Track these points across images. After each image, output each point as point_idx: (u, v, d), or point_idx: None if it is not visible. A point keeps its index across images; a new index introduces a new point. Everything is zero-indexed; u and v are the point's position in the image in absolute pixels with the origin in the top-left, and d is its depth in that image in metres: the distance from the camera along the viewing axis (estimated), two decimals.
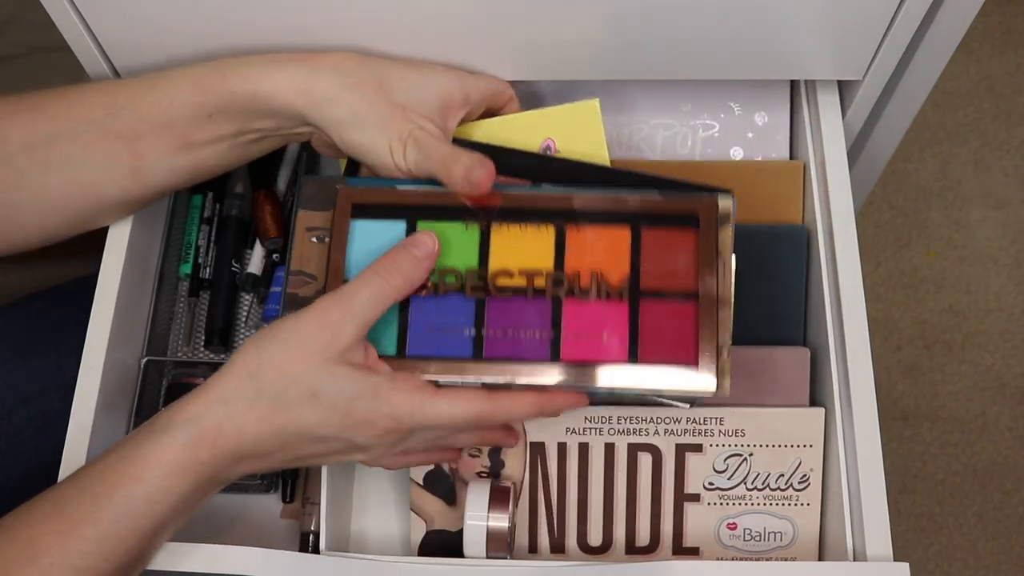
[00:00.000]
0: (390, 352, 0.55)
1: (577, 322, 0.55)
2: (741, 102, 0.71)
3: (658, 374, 0.54)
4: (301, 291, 0.57)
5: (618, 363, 0.54)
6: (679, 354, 0.54)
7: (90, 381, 0.60)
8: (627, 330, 0.54)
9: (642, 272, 0.55)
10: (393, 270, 0.53)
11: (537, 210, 0.56)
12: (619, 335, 0.54)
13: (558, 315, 0.55)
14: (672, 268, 0.55)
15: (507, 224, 0.56)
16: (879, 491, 0.57)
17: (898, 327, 1.28)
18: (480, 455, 0.63)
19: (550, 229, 0.56)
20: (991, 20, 1.40)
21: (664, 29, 0.59)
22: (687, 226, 0.55)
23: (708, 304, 0.54)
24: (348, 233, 0.57)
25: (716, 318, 0.54)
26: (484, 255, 0.56)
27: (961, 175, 1.34)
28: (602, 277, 0.55)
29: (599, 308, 0.55)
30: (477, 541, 0.60)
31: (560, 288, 0.55)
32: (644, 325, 0.54)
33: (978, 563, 1.19)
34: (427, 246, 0.54)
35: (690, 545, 0.63)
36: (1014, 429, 1.23)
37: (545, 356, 0.54)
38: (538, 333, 0.55)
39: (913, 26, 0.59)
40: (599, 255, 0.55)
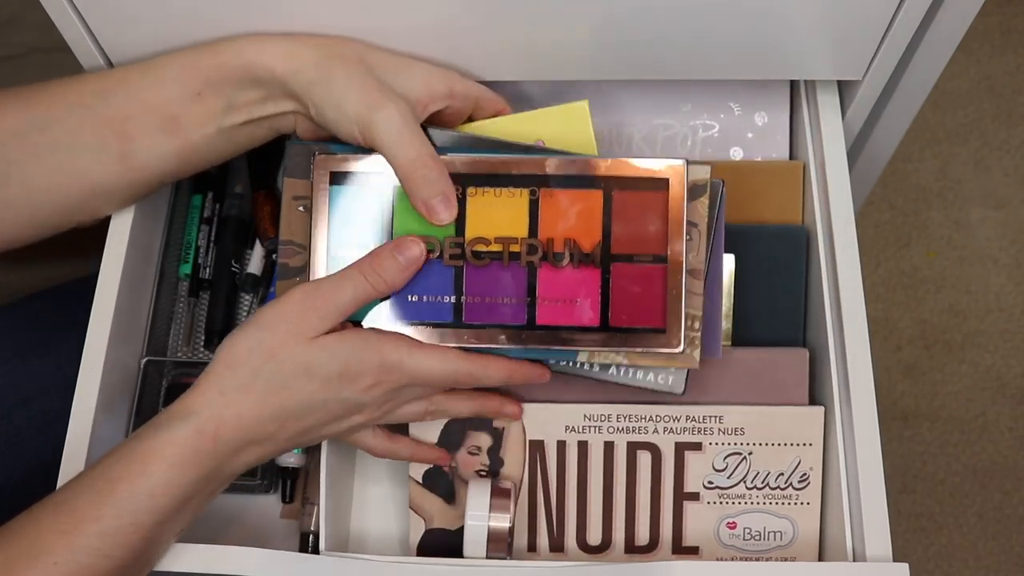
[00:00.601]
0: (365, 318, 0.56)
1: (551, 288, 0.56)
2: (741, 102, 0.71)
3: (627, 338, 0.56)
4: (291, 261, 0.58)
5: (590, 328, 0.56)
6: (648, 318, 0.56)
7: (90, 381, 0.61)
8: (599, 295, 0.56)
9: (613, 236, 0.56)
10: (378, 274, 0.54)
11: (511, 175, 0.57)
12: (591, 300, 0.56)
13: (533, 281, 0.56)
14: (643, 232, 0.56)
15: (482, 189, 0.57)
16: (879, 491, 0.57)
17: (898, 327, 1.28)
18: (479, 454, 0.63)
19: (524, 194, 0.57)
20: (991, 20, 1.40)
21: (664, 29, 0.59)
22: (658, 190, 0.56)
23: (676, 269, 0.56)
24: (328, 200, 0.57)
25: (682, 283, 0.55)
26: (460, 222, 0.57)
27: (961, 175, 1.34)
28: (575, 243, 0.56)
29: (572, 274, 0.56)
30: (478, 541, 0.60)
31: (535, 255, 0.56)
32: (615, 289, 0.56)
33: (978, 563, 1.19)
34: (412, 253, 0.55)
35: (689, 544, 0.63)
36: (1014, 429, 1.23)
37: (521, 321, 0.56)
38: (514, 299, 0.56)
39: (913, 26, 0.59)
40: (572, 220, 0.56)
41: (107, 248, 0.64)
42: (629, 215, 0.56)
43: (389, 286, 0.55)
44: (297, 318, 0.52)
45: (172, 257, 0.73)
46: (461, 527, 0.61)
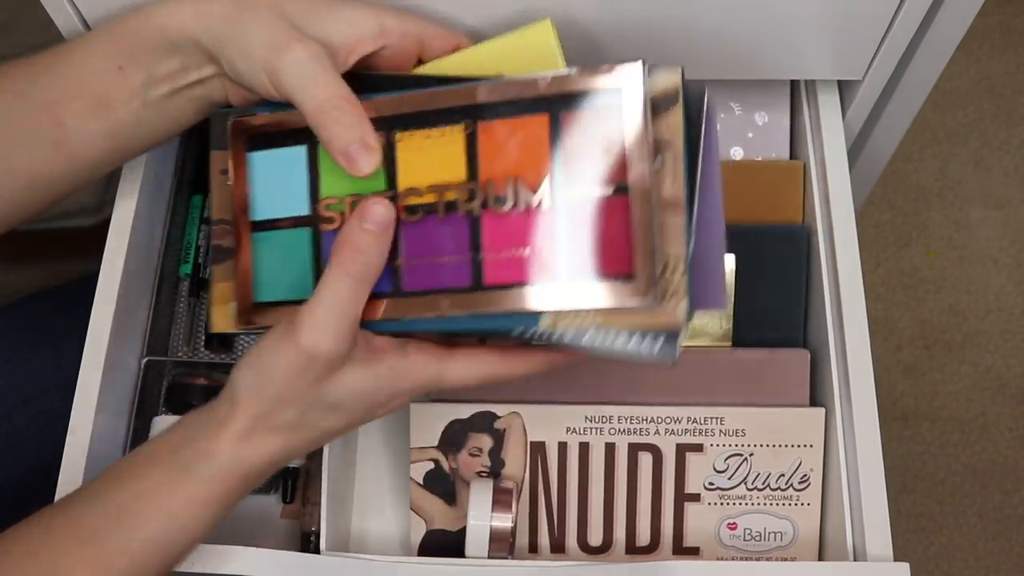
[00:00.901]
0: (306, 296, 0.48)
1: (497, 239, 0.47)
2: (741, 102, 0.71)
3: (591, 290, 0.45)
4: (224, 241, 0.53)
5: (548, 281, 0.46)
6: (612, 264, 0.45)
7: (90, 381, 0.60)
8: (552, 240, 0.46)
9: (563, 171, 0.46)
10: (359, 260, 0.47)
11: (441, 110, 0.48)
12: (544, 247, 0.46)
13: (476, 233, 0.47)
14: (600, 160, 0.45)
15: (410, 132, 0.48)
16: (879, 491, 0.57)
17: (898, 327, 1.28)
18: (480, 455, 0.63)
19: (457, 131, 0.48)
20: (991, 20, 1.40)
21: (664, 29, 0.59)
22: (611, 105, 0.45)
23: (642, 199, 0.45)
24: (247, 168, 0.51)
25: (651, 215, 0.44)
26: (391, 173, 0.49)
27: (961, 175, 1.34)
28: (519, 181, 0.46)
29: (519, 220, 0.46)
30: (480, 541, 0.60)
31: (474, 201, 0.47)
32: (570, 233, 0.46)
33: (978, 563, 1.19)
34: (380, 215, 0.48)
35: (690, 545, 0.63)
36: (1014, 429, 1.23)
37: (466, 282, 0.47)
38: (457, 257, 0.47)
39: (913, 26, 0.59)
40: (515, 153, 0.47)
41: (107, 248, 0.64)
42: (580, 141, 0.46)
43: (378, 264, 0.48)
44: (306, 367, 0.48)
45: (172, 257, 0.73)
46: (462, 528, 0.61)
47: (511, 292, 0.46)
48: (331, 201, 0.50)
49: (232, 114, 0.53)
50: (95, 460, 0.60)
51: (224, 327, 0.54)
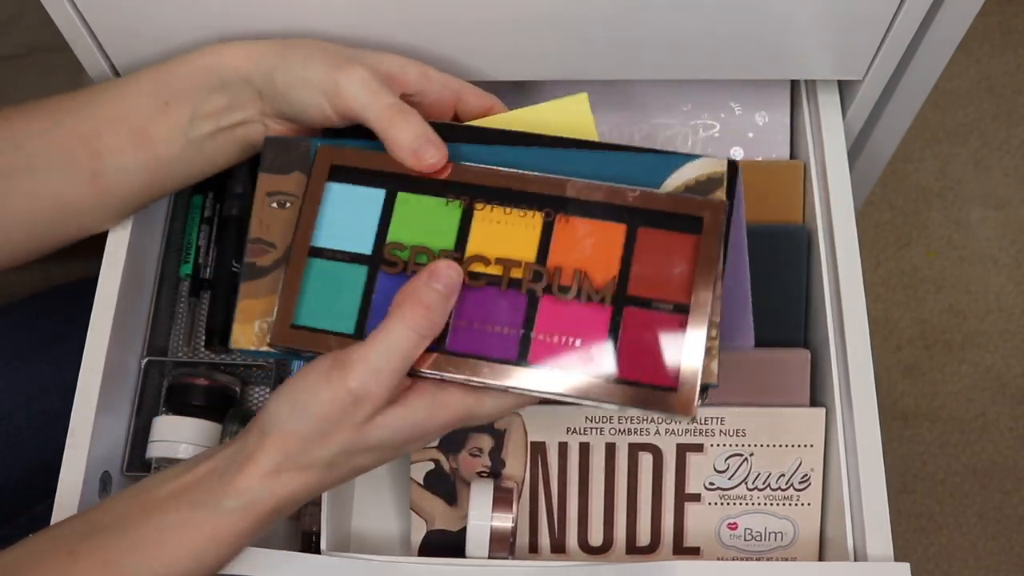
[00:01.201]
0: (347, 331, 0.51)
1: (552, 323, 0.50)
2: (741, 102, 0.71)
3: (631, 393, 0.49)
4: (259, 260, 0.55)
5: (591, 374, 0.49)
6: (658, 375, 0.49)
7: (91, 381, 0.60)
8: (606, 338, 0.49)
9: (631, 275, 0.50)
10: (424, 316, 0.48)
11: (526, 193, 0.51)
12: (597, 343, 0.49)
13: (532, 312, 0.50)
14: (666, 275, 0.50)
15: (491, 205, 0.51)
16: (880, 491, 0.57)
17: (898, 327, 1.28)
18: (480, 455, 0.63)
19: (537, 216, 0.51)
20: (991, 20, 1.40)
21: (664, 29, 0.59)
22: (690, 232, 0.50)
23: (699, 320, 0.49)
24: (323, 195, 0.53)
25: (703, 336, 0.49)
26: (463, 237, 0.51)
27: (961, 175, 1.34)
28: (585, 276, 0.50)
29: (578, 310, 0.50)
30: (480, 541, 0.60)
31: (538, 283, 0.50)
32: (625, 335, 0.49)
33: (978, 563, 1.19)
34: (450, 279, 0.50)
35: (691, 545, 0.63)
36: (1014, 429, 1.23)
37: (511, 356, 0.50)
38: (507, 329, 0.50)
39: (913, 26, 0.59)
40: (587, 251, 0.50)
41: (108, 248, 0.64)
42: (653, 254, 0.50)
43: (440, 324, 0.49)
44: (350, 407, 0.48)
45: (173, 257, 0.73)
46: (462, 528, 0.61)
47: (552, 375, 0.49)
48: (397, 247, 0.52)
49: (294, 143, 0.55)
50: (95, 460, 0.60)
51: (247, 344, 0.55)
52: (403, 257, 0.52)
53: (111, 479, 0.63)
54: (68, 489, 0.58)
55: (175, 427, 0.67)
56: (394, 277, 0.52)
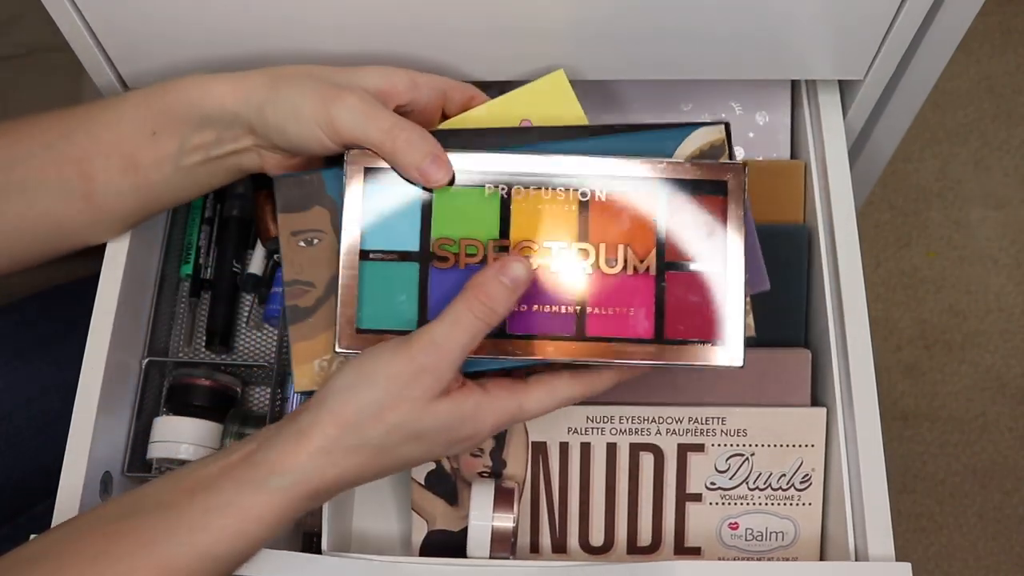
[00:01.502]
0: (410, 328, 0.52)
1: (603, 297, 0.53)
2: (742, 102, 0.71)
3: (681, 351, 0.53)
4: (301, 302, 0.55)
5: (643, 340, 0.53)
6: (704, 331, 0.53)
7: (91, 382, 0.60)
8: (653, 305, 0.53)
9: (667, 243, 0.53)
10: (489, 306, 0.50)
11: (559, 175, 0.53)
12: (645, 310, 0.53)
13: (584, 288, 0.53)
14: (699, 238, 0.53)
15: (528, 190, 0.53)
16: (881, 491, 0.57)
17: (898, 327, 1.28)
18: (481, 455, 0.63)
19: (573, 195, 0.53)
20: (991, 20, 1.40)
21: (664, 29, 0.59)
22: (716, 194, 0.53)
23: (735, 276, 0.53)
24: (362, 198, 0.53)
25: (744, 292, 0.53)
26: (505, 224, 0.53)
27: (961, 175, 1.34)
28: (629, 249, 0.53)
29: (626, 282, 0.53)
30: (481, 541, 0.60)
31: (586, 260, 0.53)
32: (670, 299, 0.53)
33: (978, 563, 1.19)
34: (519, 274, 0.51)
35: (692, 545, 0.63)
36: (1014, 429, 1.23)
37: (570, 332, 0.53)
38: (563, 308, 0.53)
39: (914, 26, 0.59)
40: (626, 224, 0.53)
41: (108, 249, 0.64)
42: (685, 221, 0.53)
43: (501, 316, 0.51)
44: (411, 380, 0.49)
45: (173, 257, 0.73)
46: (463, 528, 0.61)
47: (612, 345, 0.53)
48: (446, 242, 0.53)
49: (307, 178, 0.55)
50: (96, 461, 0.60)
51: (310, 385, 0.56)
52: (453, 251, 0.53)
53: (112, 480, 0.63)
54: (69, 490, 0.58)
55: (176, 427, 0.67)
56: (447, 272, 0.53)
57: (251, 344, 0.74)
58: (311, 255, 0.55)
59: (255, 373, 0.73)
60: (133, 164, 0.57)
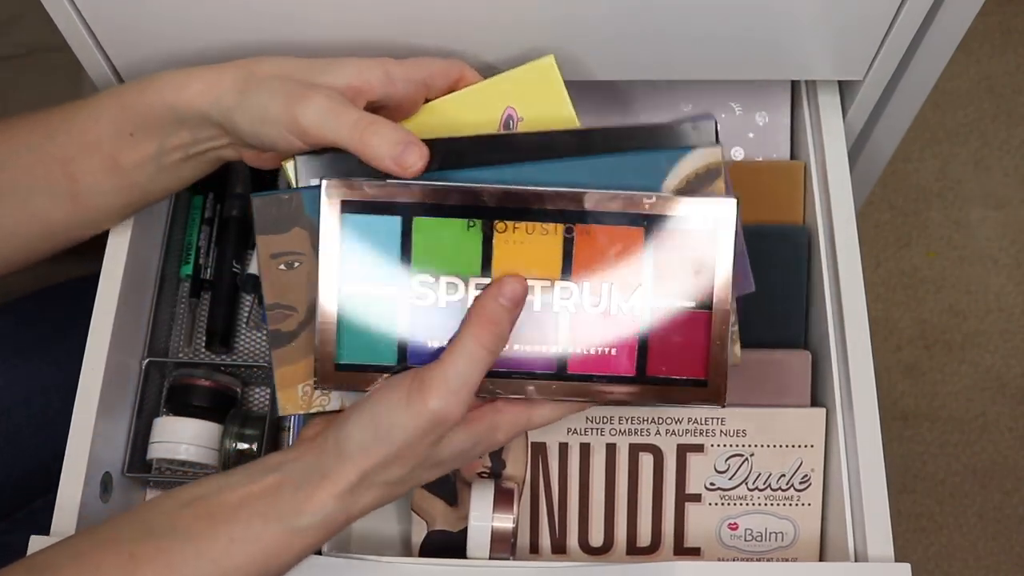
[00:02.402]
0: (390, 362, 0.52)
1: (585, 336, 0.52)
2: (741, 102, 0.71)
3: (663, 391, 0.53)
4: (283, 326, 0.54)
5: (624, 379, 0.52)
6: (687, 369, 0.52)
7: (91, 382, 0.60)
8: (636, 344, 0.52)
9: (654, 281, 0.52)
10: (493, 332, 0.50)
11: (544, 210, 0.52)
12: (628, 348, 0.52)
13: (567, 327, 0.52)
14: (687, 275, 0.52)
15: (511, 224, 0.52)
16: (880, 491, 0.57)
17: (898, 327, 1.28)
18: (481, 456, 0.63)
19: (558, 230, 0.52)
20: (991, 20, 1.40)
21: (664, 29, 0.59)
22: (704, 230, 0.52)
23: (721, 319, 0.52)
24: (339, 233, 0.52)
25: (727, 333, 0.52)
26: (487, 259, 0.52)
27: (961, 175, 1.34)
28: (614, 288, 0.52)
29: (610, 321, 0.52)
30: (481, 542, 0.60)
31: (568, 298, 0.52)
32: (654, 338, 0.52)
33: (978, 563, 1.19)
34: (516, 291, 0.51)
35: (691, 545, 0.63)
36: (1014, 429, 1.23)
37: (551, 370, 0.52)
38: (544, 347, 0.52)
39: (913, 26, 0.59)
40: (610, 260, 0.52)
41: (108, 248, 0.64)
42: (672, 257, 0.52)
43: (505, 339, 0.51)
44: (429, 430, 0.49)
45: (173, 258, 0.73)
46: (463, 529, 0.61)
47: (592, 384, 0.52)
48: (425, 278, 0.52)
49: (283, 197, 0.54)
50: (96, 462, 0.60)
51: (295, 409, 0.55)
52: (433, 289, 0.52)
53: (112, 480, 0.63)
54: (69, 490, 0.58)
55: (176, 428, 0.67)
56: (427, 310, 0.52)
57: (251, 344, 0.74)
58: (292, 279, 0.54)
59: (255, 373, 0.73)
60: (115, 165, 0.57)
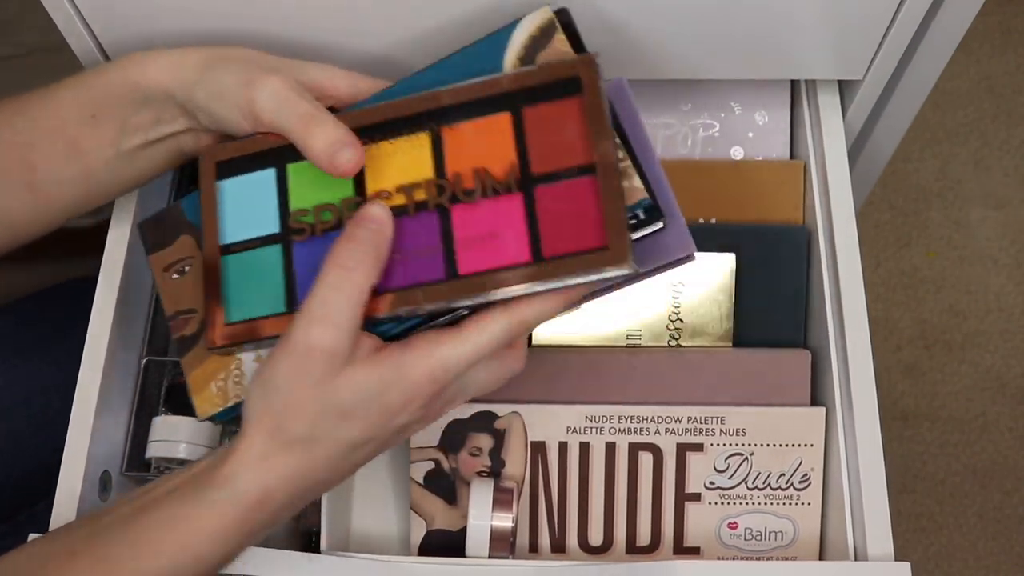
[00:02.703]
0: (280, 310, 0.50)
1: (468, 229, 0.48)
2: (741, 102, 0.71)
3: (564, 267, 0.46)
4: (186, 331, 0.54)
5: (519, 266, 0.47)
6: (586, 239, 0.46)
7: (90, 381, 0.60)
8: (525, 225, 0.47)
9: (531, 157, 0.48)
10: (347, 248, 0.47)
11: (406, 118, 0.49)
12: (515, 232, 0.47)
13: (448, 226, 0.48)
14: (563, 144, 0.47)
15: (377, 142, 0.50)
16: (880, 491, 0.57)
17: (898, 327, 1.28)
18: (480, 455, 0.63)
19: (424, 136, 0.49)
20: (991, 20, 1.40)
21: (664, 28, 0.59)
22: (570, 95, 0.47)
23: (608, 173, 0.46)
24: (217, 195, 0.52)
25: (619, 186, 0.46)
26: (359, 181, 0.50)
27: (961, 175, 1.34)
28: (486, 172, 0.48)
29: (489, 207, 0.48)
30: (480, 541, 0.60)
31: (443, 195, 0.48)
32: (542, 215, 0.47)
33: (978, 563, 1.19)
34: (375, 214, 0.48)
35: (691, 545, 0.63)
36: (1014, 429, 1.23)
37: (441, 275, 0.48)
38: (430, 250, 0.48)
39: (913, 26, 0.59)
40: (482, 150, 0.48)
41: (107, 248, 0.64)
42: (545, 130, 0.48)
43: (374, 259, 0.47)
44: (305, 364, 0.46)
45: None
46: (462, 528, 0.61)
47: (486, 278, 0.47)
48: (300, 213, 0.51)
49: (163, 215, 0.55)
50: (95, 460, 0.60)
51: (213, 408, 0.55)
52: (309, 221, 0.51)
53: (111, 479, 0.63)
54: (67, 489, 0.58)
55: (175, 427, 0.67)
56: (307, 243, 0.50)
57: None
58: (185, 283, 0.54)
59: None
60: (76, 149, 0.56)
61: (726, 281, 0.65)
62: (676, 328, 0.65)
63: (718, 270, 0.65)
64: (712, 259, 0.65)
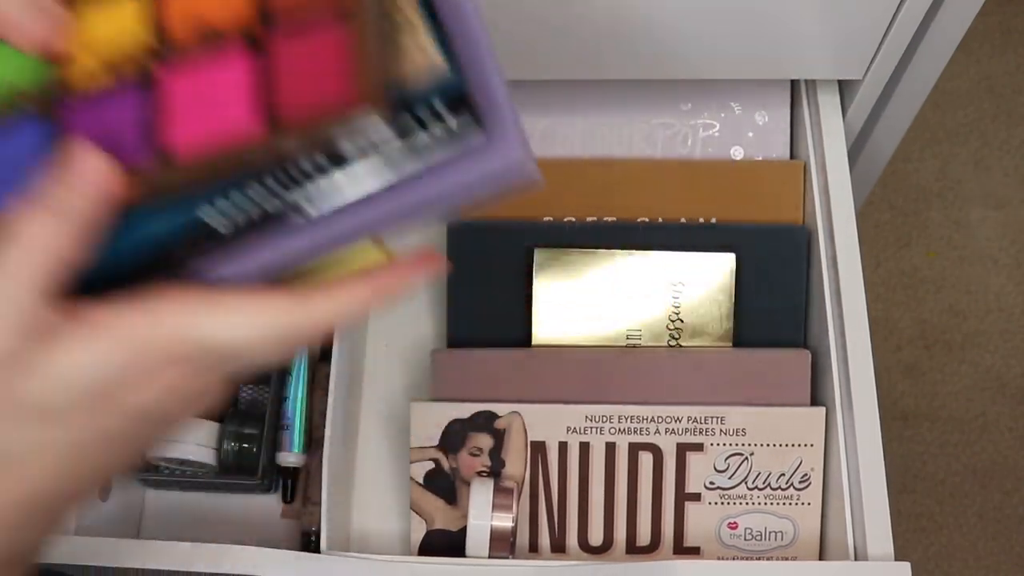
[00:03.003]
0: None
1: (184, 98, 0.34)
2: (741, 101, 0.71)
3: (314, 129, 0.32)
4: None
5: (251, 137, 0.33)
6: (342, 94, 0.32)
7: None
8: (254, 87, 0.33)
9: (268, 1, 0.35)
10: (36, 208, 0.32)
11: None
12: (244, 96, 0.33)
13: (154, 103, 0.34)
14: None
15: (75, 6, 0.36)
16: (880, 491, 0.57)
17: (898, 327, 1.28)
18: (480, 455, 0.63)
19: None
20: (991, 20, 1.40)
21: (664, 29, 0.59)
22: None
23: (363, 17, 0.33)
24: None
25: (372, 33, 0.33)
26: None
27: (961, 175, 1.34)
28: (204, 22, 0.35)
29: (210, 70, 0.34)
30: (480, 541, 0.60)
31: (154, 59, 0.35)
32: (284, 74, 0.33)
33: (978, 563, 1.19)
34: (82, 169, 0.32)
35: (691, 544, 0.63)
36: (1014, 429, 1.23)
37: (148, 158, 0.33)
38: (136, 135, 0.34)
39: (913, 26, 0.59)
40: (199, 10, 0.35)
41: None
42: None
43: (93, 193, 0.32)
44: None
45: None
46: (462, 528, 0.61)
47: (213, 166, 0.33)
48: None
49: None
50: None
51: None
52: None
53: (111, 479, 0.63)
54: None
55: None
56: None
57: None
58: None
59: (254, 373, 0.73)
60: None
61: (726, 281, 0.65)
62: (676, 328, 0.65)
63: (718, 270, 0.65)
64: (712, 259, 0.65)
